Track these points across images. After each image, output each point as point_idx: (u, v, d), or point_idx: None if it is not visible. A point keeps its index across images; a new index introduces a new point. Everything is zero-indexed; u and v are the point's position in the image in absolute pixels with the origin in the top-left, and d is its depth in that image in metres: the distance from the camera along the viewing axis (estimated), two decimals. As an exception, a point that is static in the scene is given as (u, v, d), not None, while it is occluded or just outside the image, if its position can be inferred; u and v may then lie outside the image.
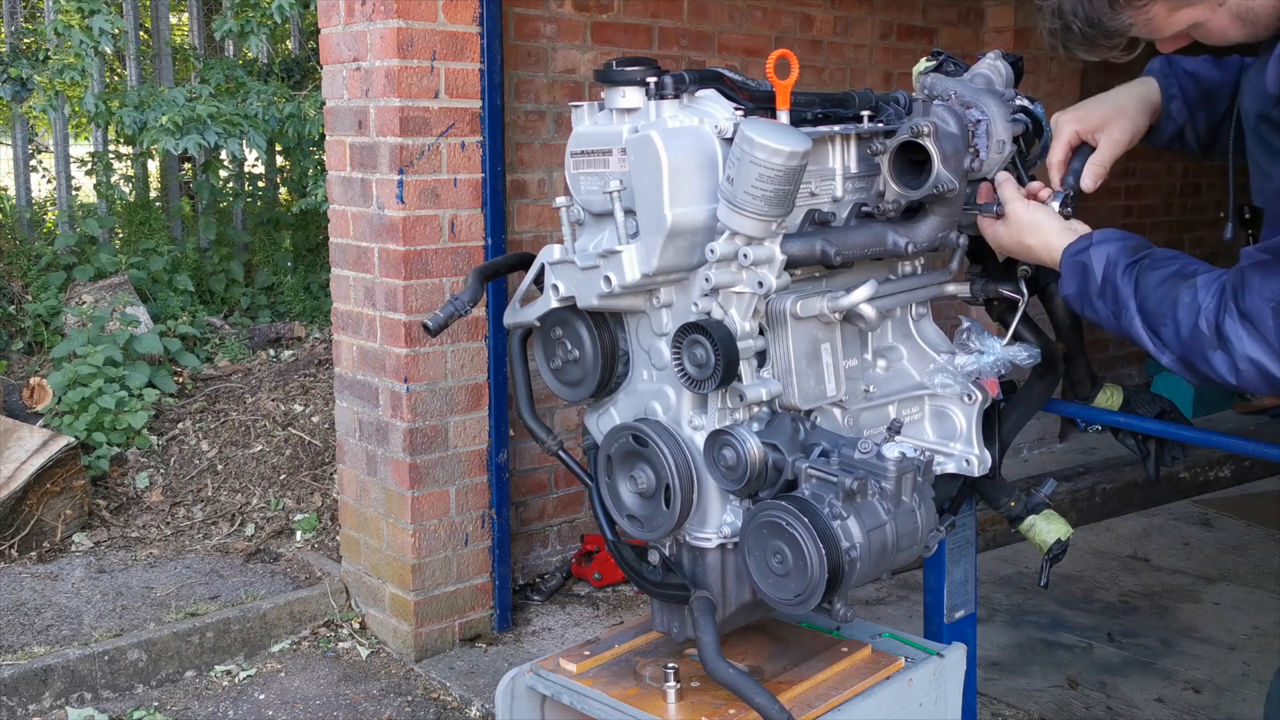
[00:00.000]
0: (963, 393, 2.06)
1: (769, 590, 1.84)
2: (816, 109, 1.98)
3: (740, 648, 2.16)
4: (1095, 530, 5.08)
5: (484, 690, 3.49)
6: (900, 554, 1.86)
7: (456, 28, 3.55)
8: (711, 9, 4.54)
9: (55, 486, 4.23)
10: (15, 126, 6.32)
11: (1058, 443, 6.14)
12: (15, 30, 6.33)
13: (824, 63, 5.01)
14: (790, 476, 1.85)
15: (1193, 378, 1.72)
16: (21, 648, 3.51)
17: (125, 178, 6.88)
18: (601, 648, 2.20)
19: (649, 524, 1.99)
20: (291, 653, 3.77)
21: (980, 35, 5.66)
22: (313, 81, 6.50)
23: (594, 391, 2.06)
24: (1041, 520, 2.36)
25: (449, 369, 3.70)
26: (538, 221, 4.15)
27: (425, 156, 3.55)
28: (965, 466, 2.05)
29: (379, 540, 3.82)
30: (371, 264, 3.68)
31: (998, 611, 4.20)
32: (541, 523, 4.32)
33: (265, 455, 4.80)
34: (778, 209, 1.77)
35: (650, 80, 1.88)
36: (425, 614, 3.72)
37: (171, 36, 7.44)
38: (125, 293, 5.56)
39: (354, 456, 3.90)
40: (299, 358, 5.60)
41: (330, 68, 3.75)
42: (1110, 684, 3.65)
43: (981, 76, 2.05)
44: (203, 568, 4.14)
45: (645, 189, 1.82)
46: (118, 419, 4.73)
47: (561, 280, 2.02)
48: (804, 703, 2.00)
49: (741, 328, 1.85)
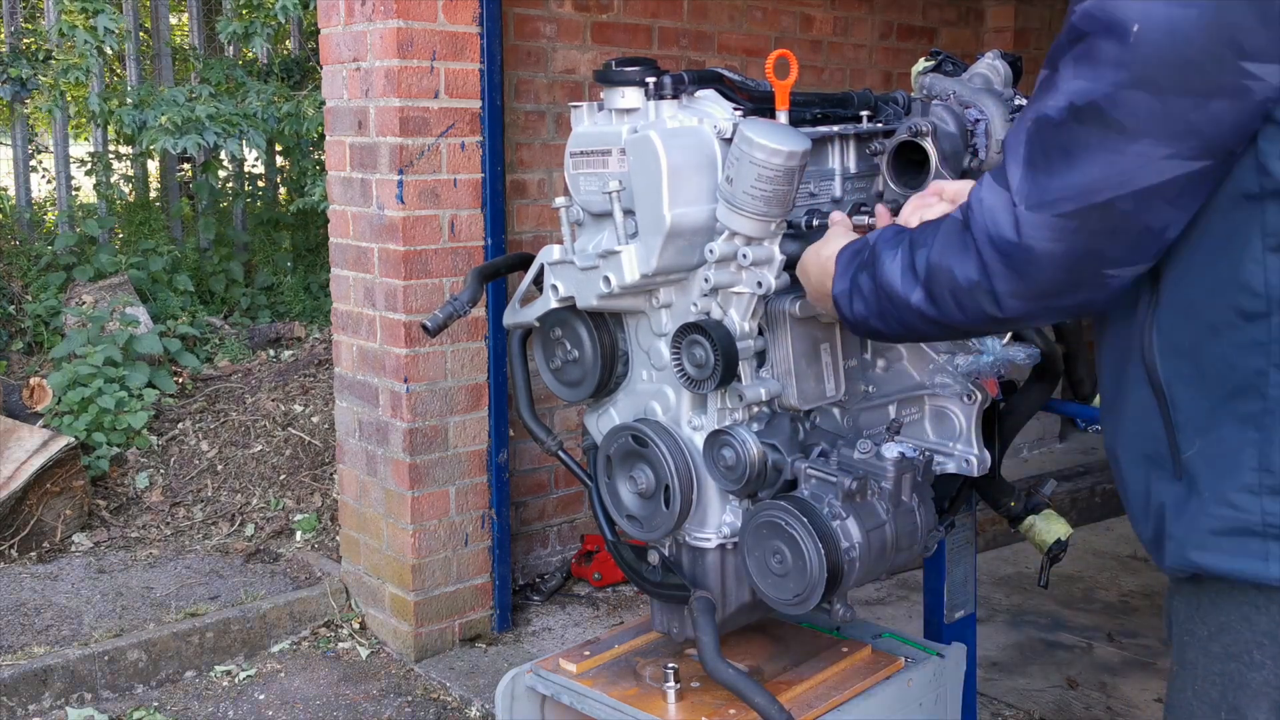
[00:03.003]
0: (962, 392, 2.06)
1: (768, 590, 1.85)
2: (816, 109, 1.98)
3: (740, 648, 2.16)
4: (1095, 530, 5.08)
5: (484, 690, 3.49)
6: (900, 554, 1.87)
7: (456, 28, 3.55)
8: (711, 9, 4.54)
9: (55, 486, 4.23)
10: (15, 126, 6.32)
11: (1058, 443, 6.14)
12: (15, 30, 6.33)
13: (824, 63, 5.01)
14: (790, 477, 1.85)
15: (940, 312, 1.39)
16: (21, 648, 3.50)
17: (125, 178, 6.88)
18: (601, 648, 2.21)
19: (649, 524, 1.99)
20: (291, 653, 3.77)
21: (980, 35, 5.67)
22: (312, 81, 6.50)
23: (593, 392, 2.06)
24: (1041, 520, 2.36)
25: (449, 369, 3.70)
26: (537, 221, 4.15)
27: (425, 156, 3.55)
28: (965, 466, 2.05)
29: (379, 540, 3.82)
30: (371, 264, 3.68)
31: (998, 611, 4.20)
32: (541, 523, 4.31)
33: (265, 455, 4.80)
34: (777, 209, 1.77)
35: (649, 80, 1.88)
36: (425, 614, 3.72)
37: (171, 36, 7.44)
38: (125, 293, 5.56)
39: (354, 456, 3.90)
40: (299, 358, 5.60)
41: (330, 68, 3.75)
42: (1110, 684, 3.65)
43: (980, 76, 2.05)
44: (203, 568, 4.14)
45: (644, 189, 1.82)
46: (118, 419, 4.73)
47: (561, 280, 2.02)
48: (804, 703, 2.00)
49: (741, 328, 1.85)
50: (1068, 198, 1.21)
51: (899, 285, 1.42)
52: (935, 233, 1.39)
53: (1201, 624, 1.29)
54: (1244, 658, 1.24)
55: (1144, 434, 1.32)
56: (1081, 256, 1.23)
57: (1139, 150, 1.17)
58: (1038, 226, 1.23)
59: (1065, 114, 1.20)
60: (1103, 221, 1.21)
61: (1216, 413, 1.23)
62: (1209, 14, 1.12)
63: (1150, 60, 1.14)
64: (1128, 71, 1.15)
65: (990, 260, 1.28)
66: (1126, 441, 1.36)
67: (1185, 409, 1.26)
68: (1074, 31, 1.20)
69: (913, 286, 1.40)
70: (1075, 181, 1.20)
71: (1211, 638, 1.28)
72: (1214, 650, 1.28)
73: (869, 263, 1.50)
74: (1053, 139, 1.22)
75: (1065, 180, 1.21)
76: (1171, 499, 1.28)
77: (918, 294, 1.40)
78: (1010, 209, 1.25)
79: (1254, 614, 1.23)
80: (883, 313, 1.48)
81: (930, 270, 1.37)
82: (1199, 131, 1.15)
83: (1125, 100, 1.16)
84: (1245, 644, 1.24)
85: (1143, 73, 1.14)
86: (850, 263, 1.56)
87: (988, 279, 1.29)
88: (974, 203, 1.31)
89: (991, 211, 1.27)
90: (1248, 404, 1.21)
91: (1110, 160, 1.18)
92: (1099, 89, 1.17)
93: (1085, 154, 1.19)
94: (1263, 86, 1.13)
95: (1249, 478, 1.20)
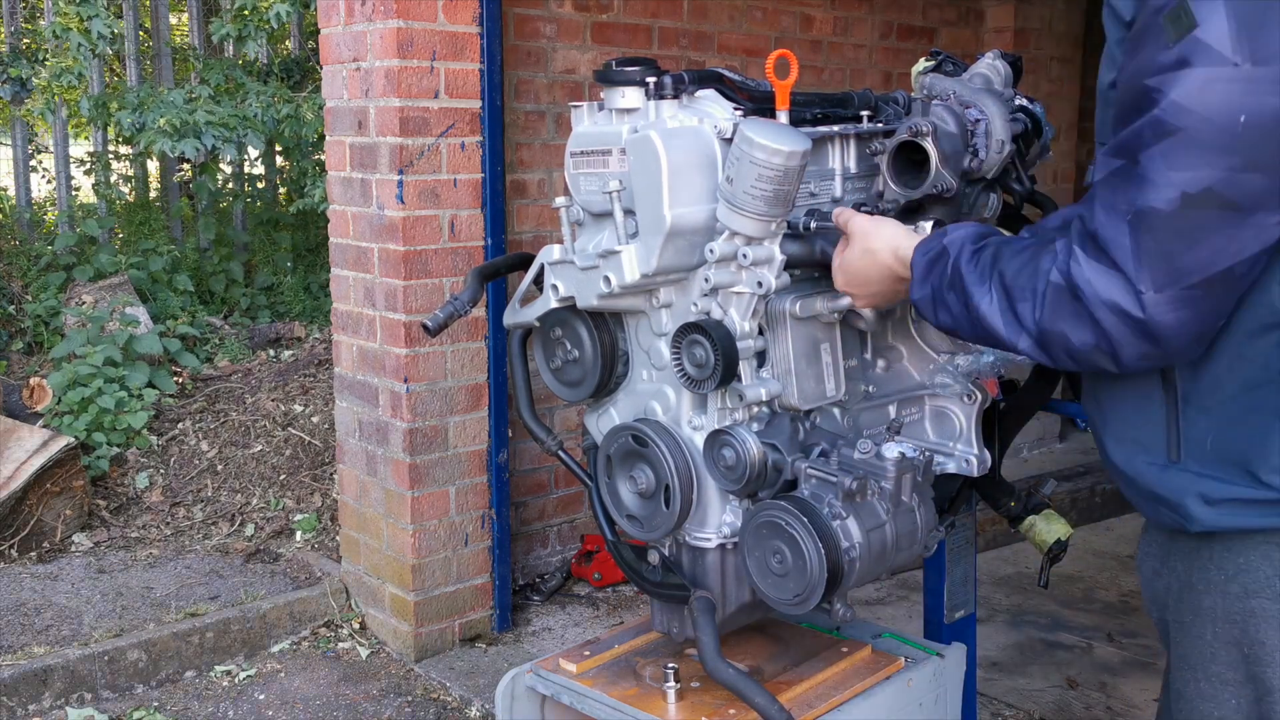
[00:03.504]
0: (963, 392, 2.06)
1: (768, 590, 1.84)
2: (816, 109, 1.98)
3: (740, 648, 2.16)
4: (1095, 530, 5.08)
5: (484, 690, 3.49)
6: (900, 554, 1.86)
7: (456, 28, 3.55)
8: (711, 9, 4.54)
9: (55, 487, 4.23)
10: (15, 127, 6.33)
11: (1058, 443, 6.14)
12: (15, 30, 6.33)
13: (824, 63, 5.01)
14: (790, 476, 1.85)
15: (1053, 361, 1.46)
16: (21, 648, 3.51)
17: (125, 178, 6.88)
18: (601, 648, 2.20)
19: (649, 524, 1.99)
20: (291, 653, 3.77)
21: (980, 35, 5.66)
22: (312, 82, 6.50)
23: (594, 391, 2.06)
24: (1041, 520, 2.36)
25: (449, 369, 3.70)
26: (538, 221, 4.15)
27: (425, 156, 3.55)
28: (965, 466, 2.05)
29: (379, 540, 3.82)
30: (371, 264, 3.68)
31: (998, 611, 4.20)
32: (541, 523, 4.32)
33: (265, 455, 4.80)
34: (777, 209, 1.77)
35: (650, 80, 1.88)
36: (425, 614, 3.72)
37: (171, 37, 7.44)
38: (125, 293, 5.56)
39: (354, 456, 3.90)
40: (299, 358, 5.60)
41: (330, 68, 3.76)
42: (1110, 684, 3.65)
43: (980, 76, 2.05)
44: (203, 568, 4.14)
45: (645, 189, 1.82)
46: (117, 419, 4.73)
47: (561, 280, 2.02)
48: (804, 703, 2.00)
49: (741, 328, 1.85)
50: (1191, 272, 1.31)
51: (1002, 330, 1.49)
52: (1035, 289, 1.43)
53: (1217, 570, 1.43)
54: (1266, 591, 1.39)
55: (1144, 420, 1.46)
56: (1205, 317, 1.35)
57: (1255, 222, 1.29)
58: (1164, 303, 1.33)
59: (1177, 204, 1.29)
60: (1224, 286, 1.33)
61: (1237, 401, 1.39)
62: None
63: (1259, 145, 1.25)
64: (1240, 157, 1.26)
65: (1114, 331, 1.36)
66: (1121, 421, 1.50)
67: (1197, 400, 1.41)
68: (1162, 127, 1.28)
69: (1018, 334, 1.47)
70: (1196, 259, 1.30)
71: (1230, 579, 1.42)
72: (1233, 590, 1.41)
73: (955, 284, 1.55)
74: (1166, 227, 1.30)
75: (1186, 261, 1.31)
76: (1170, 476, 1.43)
77: (1026, 343, 1.47)
78: (1132, 293, 1.33)
79: (1274, 551, 1.38)
80: (977, 336, 1.56)
81: (1042, 334, 1.44)
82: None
83: (1240, 183, 1.27)
84: (1267, 578, 1.39)
85: (1254, 156, 1.26)
86: (929, 272, 1.60)
87: (1109, 345, 1.38)
88: (1081, 283, 1.36)
89: (1109, 292, 1.35)
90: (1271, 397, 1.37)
91: (1230, 235, 1.29)
92: (1214, 175, 1.27)
93: (1204, 235, 1.30)
94: None
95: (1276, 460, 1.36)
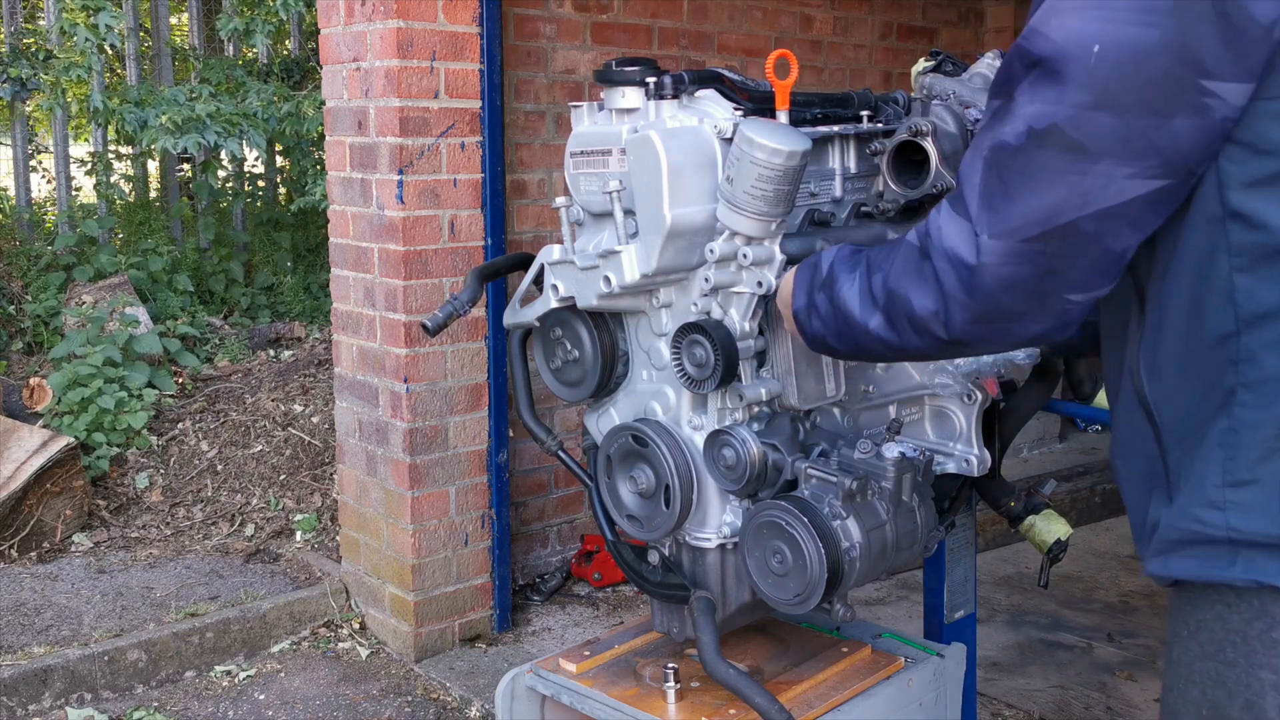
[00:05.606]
0: (963, 392, 2.06)
1: (768, 590, 1.85)
2: (816, 109, 1.98)
3: (740, 648, 2.16)
4: (1095, 530, 5.08)
5: (484, 690, 3.49)
6: (900, 554, 1.87)
7: (456, 28, 3.55)
8: (711, 9, 4.54)
9: (55, 487, 4.23)
10: (15, 126, 6.32)
11: (1058, 443, 6.14)
12: (15, 30, 6.33)
13: (824, 63, 5.01)
14: (790, 476, 1.85)
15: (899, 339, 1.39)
16: (21, 648, 3.50)
17: (125, 178, 6.87)
18: (601, 648, 2.21)
19: (649, 524, 1.99)
20: (291, 653, 3.77)
21: (980, 35, 5.67)
22: (312, 81, 6.50)
23: (594, 392, 2.06)
24: (1041, 520, 2.36)
25: (449, 369, 3.70)
26: (537, 221, 4.15)
27: (425, 157, 3.55)
28: (965, 466, 2.05)
29: (379, 540, 3.82)
30: (371, 264, 3.68)
31: (998, 611, 4.20)
32: (541, 523, 4.31)
33: (265, 455, 4.80)
34: (777, 209, 1.77)
35: (649, 80, 1.88)
36: (425, 614, 3.72)
37: (171, 37, 7.44)
38: (125, 293, 5.56)
39: (354, 457, 3.90)
40: (299, 358, 5.60)
41: (330, 68, 3.75)
42: (1110, 684, 3.65)
43: (980, 76, 2.05)
44: (202, 568, 4.14)
45: (645, 189, 1.82)
46: (117, 419, 4.72)
47: (561, 280, 2.02)
48: (804, 703, 2.00)
49: (741, 328, 1.86)
50: (1031, 222, 1.20)
51: (857, 310, 1.43)
52: (892, 257, 1.39)
53: (1184, 623, 1.31)
54: (1219, 655, 1.26)
55: (1140, 453, 1.33)
56: (1043, 279, 1.23)
57: (1101, 170, 1.17)
58: (1000, 252, 1.23)
59: (1024, 139, 1.20)
60: (1065, 243, 1.21)
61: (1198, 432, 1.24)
62: (1171, 34, 1.12)
63: (1112, 80, 1.13)
64: (1089, 93, 1.15)
65: (950, 287, 1.27)
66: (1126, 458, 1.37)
67: (1172, 430, 1.27)
68: (1027, 56, 1.20)
69: (871, 312, 1.41)
70: (1038, 205, 1.20)
71: (1191, 636, 1.30)
72: (1193, 649, 1.29)
73: (827, 283, 1.51)
74: (1011, 164, 1.21)
75: (1027, 205, 1.20)
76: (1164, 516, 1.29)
77: (876, 319, 1.41)
78: (971, 238, 1.24)
79: (1226, 612, 1.24)
80: (840, 333, 1.50)
81: (889, 297, 1.37)
82: (1160, 150, 1.16)
83: (1087, 121, 1.16)
84: (1219, 642, 1.26)
85: (1105, 93, 1.14)
86: (807, 279, 1.57)
87: (945, 306, 1.29)
88: (932, 230, 1.30)
89: (951, 239, 1.27)
90: (1219, 422, 1.22)
91: (1073, 182, 1.18)
92: (1060, 111, 1.17)
93: (1047, 177, 1.19)
94: (1222, 105, 1.13)
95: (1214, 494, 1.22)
